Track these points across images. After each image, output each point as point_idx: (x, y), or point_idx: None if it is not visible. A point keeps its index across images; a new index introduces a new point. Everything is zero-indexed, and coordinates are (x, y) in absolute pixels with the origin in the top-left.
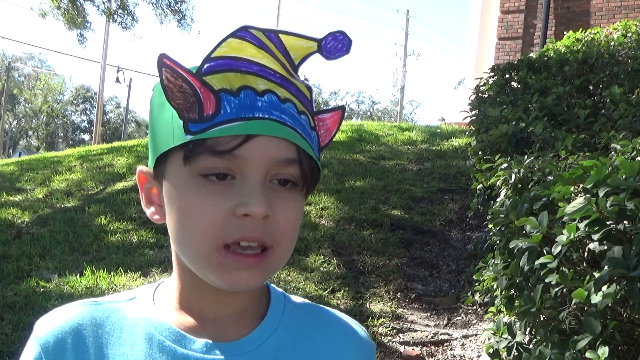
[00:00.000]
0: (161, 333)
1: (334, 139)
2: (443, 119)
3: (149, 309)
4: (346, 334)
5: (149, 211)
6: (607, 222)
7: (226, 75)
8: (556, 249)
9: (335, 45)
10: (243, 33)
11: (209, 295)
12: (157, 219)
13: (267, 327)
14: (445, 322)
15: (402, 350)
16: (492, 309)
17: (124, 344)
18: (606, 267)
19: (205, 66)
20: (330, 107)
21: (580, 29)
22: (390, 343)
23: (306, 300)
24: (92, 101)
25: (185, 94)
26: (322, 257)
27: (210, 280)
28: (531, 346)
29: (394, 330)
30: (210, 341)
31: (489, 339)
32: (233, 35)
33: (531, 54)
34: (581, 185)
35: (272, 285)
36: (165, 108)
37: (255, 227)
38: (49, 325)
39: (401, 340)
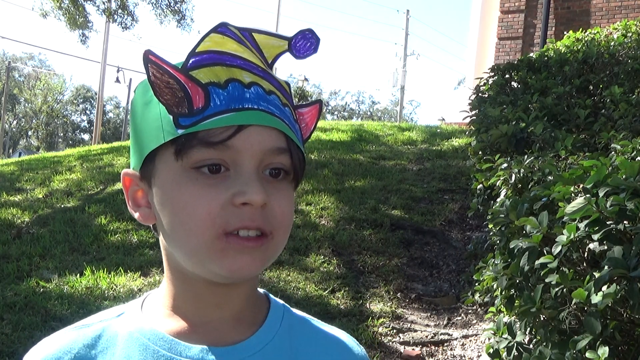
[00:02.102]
0: (155, 342)
1: (334, 139)
2: (443, 119)
3: (139, 320)
4: (342, 349)
5: (137, 214)
6: (607, 222)
7: (212, 69)
8: (556, 249)
9: (304, 44)
10: (223, 29)
11: (203, 297)
12: (145, 221)
13: (265, 333)
14: (445, 322)
15: (402, 350)
16: (492, 309)
17: (119, 359)
18: (606, 267)
19: (190, 61)
20: (308, 102)
21: (580, 29)
22: (390, 343)
23: (304, 314)
24: (92, 101)
25: (172, 89)
26: (322, 257)
27: (210, 271)
28: (531, 346)
29: (394, 330)
30: (207, 347)
31: (489, 339)
32: (214, 30)
33: (531, 54)
34: (581, 185)
35: (272, 295)
36: (150, 106)
37: (254, 215)
38: (41, 354)
39: (401, 340)
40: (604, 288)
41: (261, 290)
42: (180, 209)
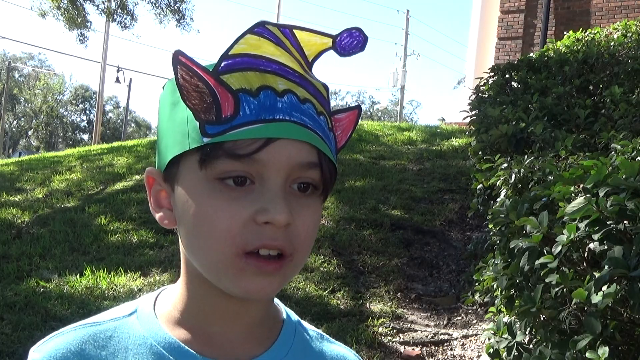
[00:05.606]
0: (170, 352)
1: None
2: (443, 119)
3: (152, 324)
4: None
5: (158, 215)
6: (607, 222)
7: (245, 74)
8: (556, 249)
9: (350, 42)
10: (260, 29)
11: (219, 307)
12: (167, 224)
13: (279, 350)
14: (445, 322)
15: (402, 350)
16: (492, 309)
17: None
18: (606, 267)
19: (222, 64)
20: (346, 107)
21: (581, 29)
22: (390, 343)
23: (317, 329)
24: (92, 101)
25: (201, 93)
26: (322, 257)
27: (226, 288)
28: (531, 346)
29: (394, 330)
30: None
31: (489, 339)
32: (250, 31)
33: (531, 54)
34: (581, 185)
35: (288, 309)
36: (178, 107)
37: (276, 234)
38: (47, 350)
39: (401, 340)
40: (604, 288)
41: (279, 303)
42: (200, 221)
